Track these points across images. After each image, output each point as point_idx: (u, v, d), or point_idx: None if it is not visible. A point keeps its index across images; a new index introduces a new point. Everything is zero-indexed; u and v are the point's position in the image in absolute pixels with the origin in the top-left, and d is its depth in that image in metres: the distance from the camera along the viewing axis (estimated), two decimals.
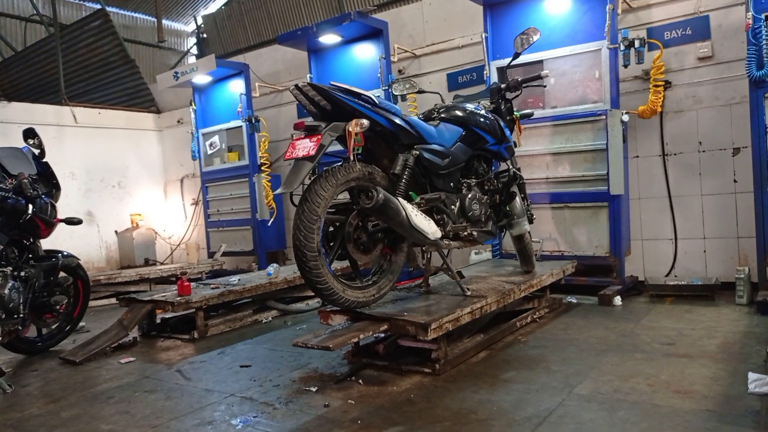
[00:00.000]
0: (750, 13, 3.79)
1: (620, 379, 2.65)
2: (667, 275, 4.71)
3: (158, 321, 4.43)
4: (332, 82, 2.81)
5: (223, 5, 13.37)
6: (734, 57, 4.34)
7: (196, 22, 13.68)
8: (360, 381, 2.86)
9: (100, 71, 9.08)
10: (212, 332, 4.23)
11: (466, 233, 3.29)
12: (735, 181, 4.45)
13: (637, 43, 4.29)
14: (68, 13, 11.28)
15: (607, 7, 4.32)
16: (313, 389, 2.78)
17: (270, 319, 4.63)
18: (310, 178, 2.71)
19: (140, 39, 12.38)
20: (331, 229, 2.90)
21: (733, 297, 4.06)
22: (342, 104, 2.74)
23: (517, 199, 3.73)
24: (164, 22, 10.91)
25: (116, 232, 8.06)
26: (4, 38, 10.88)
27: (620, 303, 4.23)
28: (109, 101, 8.84)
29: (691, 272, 4.61)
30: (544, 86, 4.18)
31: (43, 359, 3.80)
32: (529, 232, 3.90)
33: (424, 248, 3.37)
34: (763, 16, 3.75)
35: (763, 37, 3.76)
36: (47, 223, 3.77)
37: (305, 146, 2.65)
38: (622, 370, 2.79)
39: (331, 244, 2.89)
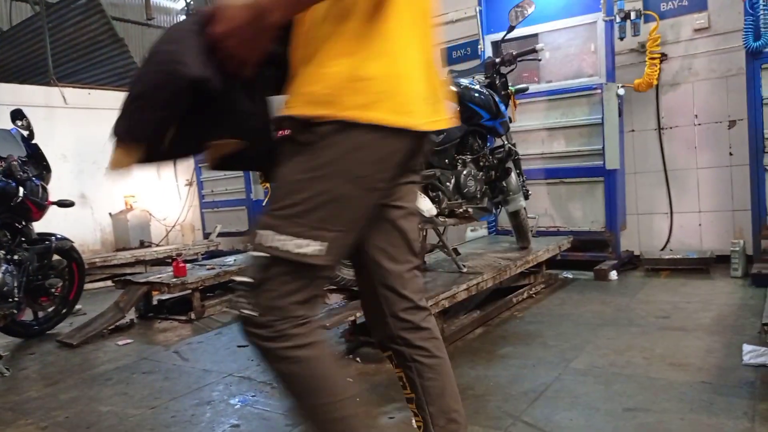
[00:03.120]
0: None
1: (616, 353, 2.67)
2: (662, 249, 4.72)
3: (155, 303, 4.43)
4: None
5: None
6: (731, 28, 4.29)
7: None
8: (358, 359, 2.87)
9: (88, 51, 8.92)
10: (209, 313, 4.22)
11: (461, 210, 3.27)
12: (731, 154, 4.44)
13: (633, 15, 4.25)
14: None
15: None
16: None
17: None
18: None
19: (129, 17, 12.16)
20: None
21: (728, 270, 4.08)
22: None
23: (513, 175, 3.71)
24: None
25: (110, 214, 8.01)
26: None
27: (616, 277, 4.25)
28: (99, 81, 8.70)
29: (687, 246, 4.62)
30: (539, 60, 4.13)
31: (40, 342, 3.80)
32: (524, 208, 3.89)
33: (419, 226, 3.36)
34: None
35: (761, 7, 3.71)
36: (39, 205, 3.73)
37: None
38: (618, 343, 2.81)
39: None
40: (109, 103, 8.30)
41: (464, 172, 3.32)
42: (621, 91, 4.39)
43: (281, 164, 1.15)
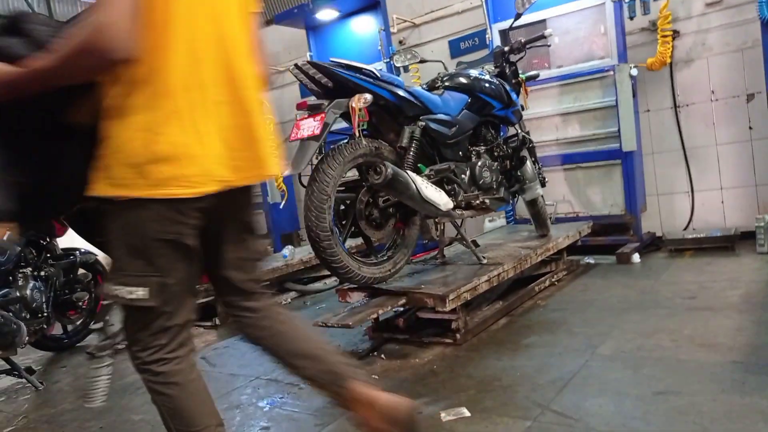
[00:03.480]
0: None
1: (643, 337, 2.64)
2: (685, 229, 4.65)
3: None
4: (332, 59, 2.77)
5: None
6: (744, 0, 4.19)
7: None
8: (382, 356, 2.88)
9: None
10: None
11: (478, 201, 3.25)
12: (750, 128, 4.34)
13: None
14: (63, 9, 11.22)
15: None
16: None
17: (289, 300, 4.66)
18: (317, 158, 2.69)
19: None
20: (342, 207, 2.89)
21: (754, 246, 4.00)
22: (343, 80, 2.70)
23: (528, 163, 3.68)
24: None
25: None
26: None
27: (639, 260, 4.19)
28: None
29: (710, 224, 4.55)
30: (549, 45, 4.08)
31: (70, 355, 3.88)
32: (542, 196, 3.86)
33: (436, 220, 3.35)
34: None
35: None
36: (62, 222, 3.80)
37: (309, 126, 2.63)
38: (645, 327, 2.77)
39: (344, 222, 2.88)
40: None
41: (479, 164, 3.31)
42: (634, 72, 4.32)
43: (105, 223, 1.36)
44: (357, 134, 2.68)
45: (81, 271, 4.04)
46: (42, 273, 3.60)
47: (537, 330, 2.98)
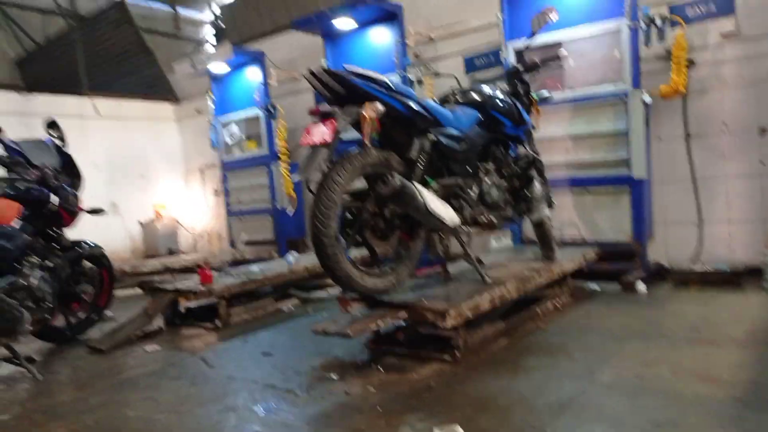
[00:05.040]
0: None
1: (643, 366, 2.62)
2: (692, 260, 4.62)
3: (182, 310, 4.50)
4: (346, 66, 2.79)
5: None
6: (760, 32, 4.20)
7: (212, 11, 13.70)
8: (380, 368, 2.87)
9: (119, 61, 9.16)
10: (234, 321, 4.27)
11: (484, 219, 3.25)
12: (762, 163, 4.33)
13: (658, 21, 4.18)
14: (86, 4, 11.37)
15: None
16: (334, 376, 2.80)
17: (291, 307, 4.67)
18: (326, 165, 2.70)
19: (158, 29, 12.44)
20: (349, 216, 2.89)
21: (760, 282, 3.97)
22: (357, 89, 2.71)
23: (536, 183, 3.68)
24: (181, 11, 10.95)
25: (140, 222, 8.18)
26: (26, 31, 11.02)
27: (644, 289, 4.17)
28: (129, 91, 8.92)
29: (717, 257, 4.51)
30: (562, 67, 4.10)
31: (71, 347, 3.89)
32: (549, 218, 3.86)
33: (442, 235, 3.35)
34: None
35: None
36: (70, 212, 3.83)
37: (321, 132, 2.64)
38: (646, 356, 2.75)
39: (349, 231, 2.88)
40: (140, 113, 8.51)
41: (487, 181, 3.31)
42: (647, 99, 4.32)
43: None
44: (367, 144, 2.69)
45: (87, 264, 4.07)
46: (48, 263, 3.62)
47: (537, 352, 2.96)
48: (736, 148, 4.43)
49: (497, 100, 3.42)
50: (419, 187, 2.80)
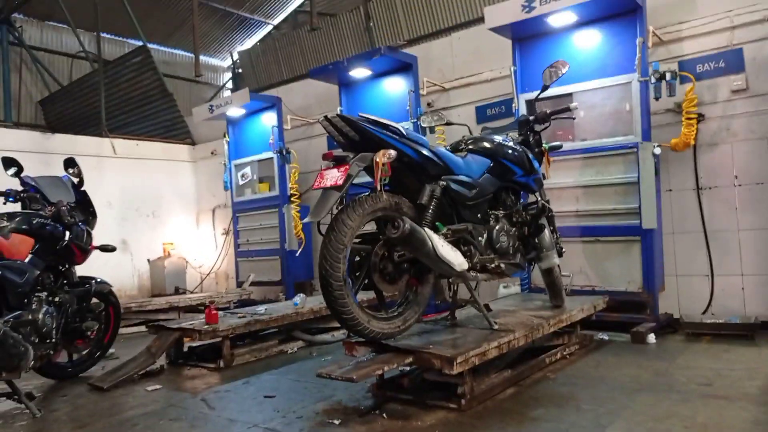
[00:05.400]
0: None
1: (654, 421, 2.54)
2: (703, 313, 4.54)
3: (185, 349, 4.46)
4: (361, 114, 2.86)
5: (258, 42, 13.84)
6: None
7: (232, 58, 14.16)
8: (384, 415, 2.81)
9: (139, 104, 9.44)
10: (238, 362, 4.23)
11: (493, 265, 3.24)
12: None
13: (668, 76, 4.25)
14: (112, 49, 11.83)
15: (637, 41, 4.31)
16: (337, 422, 2.75)
17: (296, 349, 4.61)
18: (337, 208, 2.73)
19: (179, 74, 12.87)
20: (358, 259, 2.90)
21: None
22: (370, 135, 2.77)
23: (546, 231, 3.68)
24: (202, 57, 11.32)
25: (148, 260, 8.22)
26: (51, 74, 11.44)
27: (654, 341, 4.09)
28: (147, 133, 9.16)
29: (729, 310, 4.44)
30: (573, 118, 4.16)
31: (72, 385, 3.85)
32: (558, 266, 3.83)
33: (450, 280, 3.34)
34: None
35: None
36: (83, 249, 3.87)
37: (333, 176, 2.68)
38: (657, 411, 2.68)
39: (357, 274, 2.88)
40: (156, 153, 8.70)
41: (497, 227, 3.32)
42: (657, 150, 4.36)
43: None
44: (378, 188, 2.72)
45: (94, 300, 4.07)
46: (56, 299, 3.63)
47: (545, 403, 2.89)
48: (749, 201, 4.43)
49: (508, 149, 3.46)
50: (429, 232, 2.81)
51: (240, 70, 13.67)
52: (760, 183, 4.38)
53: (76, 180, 4.08)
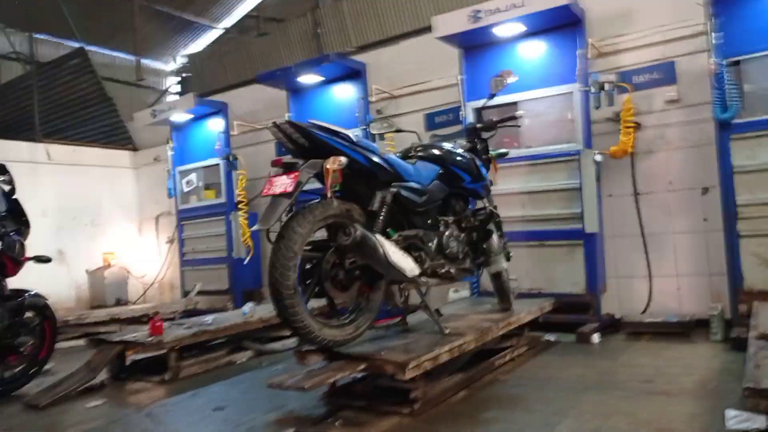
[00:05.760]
0: (713, 60, 3.96)
1: (601, 418, 2.63)
2: (643, 313, 4.73)
3: (129, 363, 4.29)
4: (310, 120, 2.83)
5: (206, 46, 13.55)
6: (700, 100, 4.49)
7: (175, 62, 13.80)
8: (337, 423, 2.79)
9: (77, 109, 9.04)
10: (185, 374, 4.09)
11: (444, 270, 3.28)
12: (705, 219, 4.55)
13: (607, 86, 4.44)
14: (46, 51, 11.27)
15: (578, 52, 4.49)
16: None
17: (245, 359, 4.51)
18: (287, 215, 2.69)
19: (119, 77, 12.41)
20: (308, 266, 2.87)
21: (708, 334, 4.10)
22: (320, 142, 2.75)
23: (494, 236, 3.75)
24: (144, 61, 10.99)
25: (87, 271, 7.87)
26: None
27: (598, 341, 4.24)
28: (86, 138, 8.77)
29: (667, 309, 4.65)
30: (519, 126, 4.28)
31: (5, 404, 3.63)
32: (506, 270, 3.91)
33: (402, 286, 3.35)
34: (725, 62, 3.93)
35: (726, 81, 3.92)
36: (15, 261, 3.67)
37: (283, 183, 2.65)
38: (603, 408, 2.77)
39: (308, 281, 2.85)
40: (95, 159, 8.34)
41: (447, 233, 3.36)
42: (598, 158, 4.53)
43: None
44: (329, 195, 2.70)
45: (28, 314, 3.86)
46: None
47: (496, 405, 2.94)
48: (682, 206, 4.66)
49: (456, 156, 3.52)
50: (380, 238, 2.81)
51: (184, 75, 13.34)
52: (692, 188, 4.62)
53: (7, 188, 3.87)
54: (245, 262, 6.51)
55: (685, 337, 4.22)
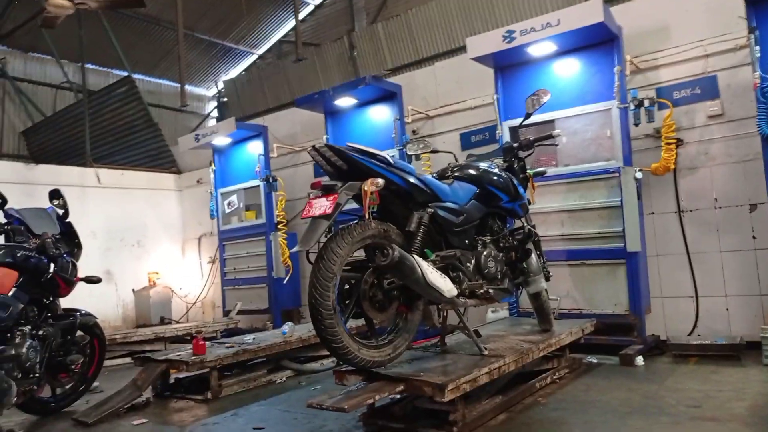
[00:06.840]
0: (757, 73, 3.87)
1: None
2: (689, 334, 4.59)
3: (172, 381, 4.39)
4: (348, 143, 2.89)
5: (243, 71, 13.96)
6: (745, 115, 4.38)
7: (216, 87, 14.25)
8: None
9: (124, 134, 9.43)
10: (226, 392, 4.17)
11: (482, 291, 3.26)
12: (754, 237, 4.40)
13: (646, 103, 4.38)
14: (96, 80, 11.84)
15: (615, 69, 4.44)
16: None
17: (284, 379, 4.56)
18: (326, 237, 2.74)
19: (164, 103, 12.91)
20: (347, 286, 2.90)
21: (759, 357, 3.93)
22: (358, 164, 2.80)
23: (533, 256, 3.71)
24: (187, 87, 11.37)
25: (133, 290, 8.11)
26: (35, 104, 11.41)
27: (642, 363, 4.12)
28: (132, 163, 9.12)
29: (715, 331, 4.49)
30: (556, 145, 4.25)
31: (55, 420, 3.76)
32: (546, 290, 3.86)
33: (440, 306, 3.34)
34: None
35: None
36: (68, 281, 3.82)
37: (322, 205, 2.70)
38: None
39: (347, 302, 2.88)
40: (140, 182, 8.66)
41: (484, 253, 3.34)
42: (638, 175, 4.45)
43: None
44: (367, 216, 2.74)
45: (79, 333, 4.01)
46: (40, 332, 3.56)
47: (536, 429, 2.89)
48: (729, 223, 4.52)
49: (493, 176, 3.52)
50: (418, 259, 2.82)
51: (225, 99, 13.75)
52: (739, 205, 4.48)
53: (61, 211, 4.05)
54: (284, 282, 6.61)
55: (735, 360, 4.06)
